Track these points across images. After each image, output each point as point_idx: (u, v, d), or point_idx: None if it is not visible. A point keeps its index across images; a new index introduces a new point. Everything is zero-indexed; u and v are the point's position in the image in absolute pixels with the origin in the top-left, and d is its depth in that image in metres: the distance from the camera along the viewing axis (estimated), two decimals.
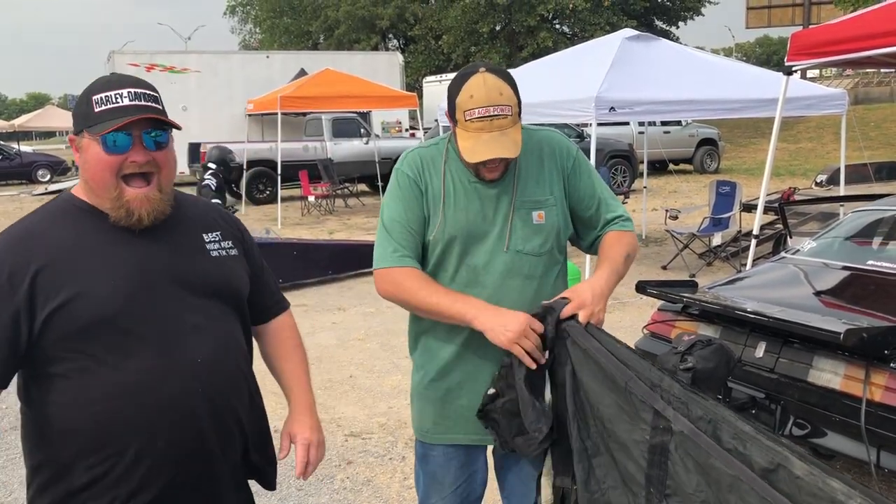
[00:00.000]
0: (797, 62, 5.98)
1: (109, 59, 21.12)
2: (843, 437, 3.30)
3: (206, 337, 1.81)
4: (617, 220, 2.28)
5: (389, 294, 2.19)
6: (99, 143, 1.71)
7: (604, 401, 1.85)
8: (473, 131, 2.04)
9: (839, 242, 4.73)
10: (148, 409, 1.72)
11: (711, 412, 1.65)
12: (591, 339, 1.92)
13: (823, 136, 26.72)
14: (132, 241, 1.77)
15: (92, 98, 1.73)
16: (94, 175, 1.74)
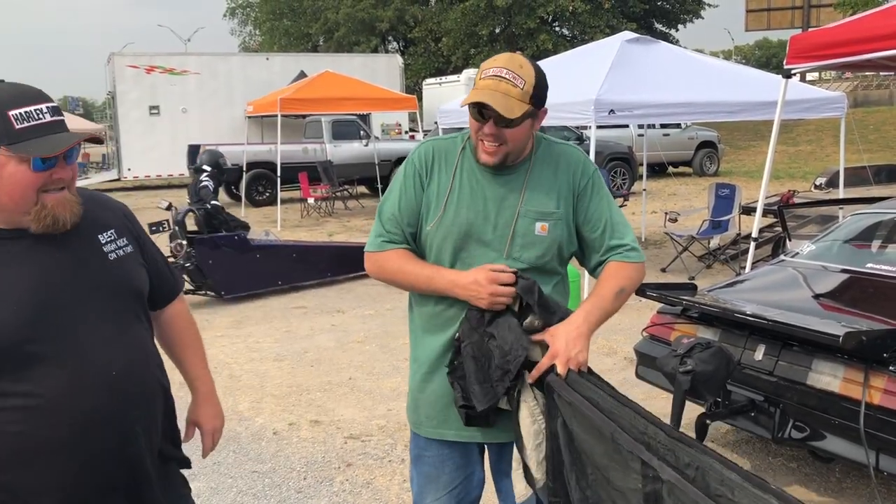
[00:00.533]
0: (796, 65, 5.98)
1: (109, 61, 21.13)
2: (842, 440, 3.30)
3: (118, 348, 1.80)
4: (621, 248, 2.21)
5: (375, 274, 2.28)
6: (25, 162, 1.66)
7: (596, 450, 1.83)
8: (479, 87, 2.07)
9: (838, 245, 4.73)
10: (66, 429, 1.70)
11: (698, 459, 1.64)
12: (572, 392, 1.89)
13: (822, 138, 26.75)
14: (28, 258, 1.72)
15: (8, 113, 1.65)
16: (12, 193, 1.67)
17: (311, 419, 4.98)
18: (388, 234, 2.21)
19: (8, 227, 1.71)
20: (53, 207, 1.71)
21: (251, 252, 8.30)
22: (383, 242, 2.22)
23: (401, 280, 2.22)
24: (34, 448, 1.69)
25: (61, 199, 1.72)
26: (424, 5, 35.91)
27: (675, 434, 1.73)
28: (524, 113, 2.07)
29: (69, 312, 1.73)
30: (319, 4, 35.32)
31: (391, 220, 2.22)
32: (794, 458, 4.29)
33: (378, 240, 2.23)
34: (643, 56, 8.67)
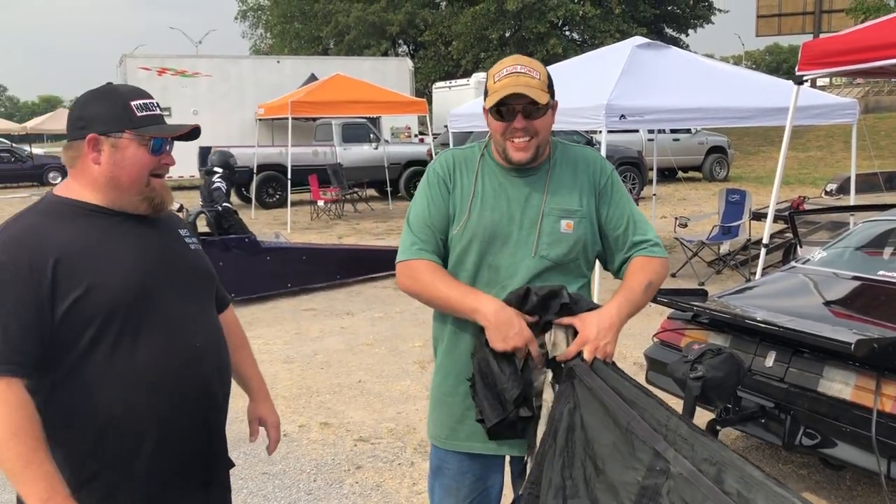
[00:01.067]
0: (808, 72, 5.98)
1: (121, 63, 21.24)
2: (853, 448, 3.29)
3: (200, 325, 1.98)
4: (645, 243, 2.23)
5: (407, 286, 2.21)
6: (145, 145, 1.87)
7: (600, 439, 1.82)
8: (501, 87, 2.09)
9: (850, 252, 4.72)
10: (163, 391, 1.85)
11: (718, 454, 1.62)
12: (596, 378, 1.90)
13: (833, 144, 26.65)
14: (130, 235, 1.89)
15: (130, 103, 1.88)
16: (129, 172, 1.87)
17: (320, 421, 4.99)
18: (422, 243, 2.19)
19: (112, 208, 1.89)
20: (160, 190, 1.93)
21: (261, 254, 8.33)
22: (419, 250, 2.18)
23: (430, 296, 2.16)
24: (130, 416, 1.82)
25: (163, 183, 1.95)
26: (435, 9, 35.97)
27: (697, 429, 1.71)
28: (547, 102, 2.12)
29: (162, 288, 1.90)
30: (330, 8, 35.43)
31: (423, 227, 2.20)
32: (805, 465, 4.28)
33: (413, 248, 2.19)
34: (654, 61, 8.68)
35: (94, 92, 1.93)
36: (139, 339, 1.82)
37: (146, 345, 1.83)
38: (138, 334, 1.82)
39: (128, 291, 1.82)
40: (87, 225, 1.85)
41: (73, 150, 1.89)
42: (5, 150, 27.86)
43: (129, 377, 1.80)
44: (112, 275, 1.81)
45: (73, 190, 1.89)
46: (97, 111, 1.87)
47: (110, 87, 1.94)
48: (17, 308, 1.70)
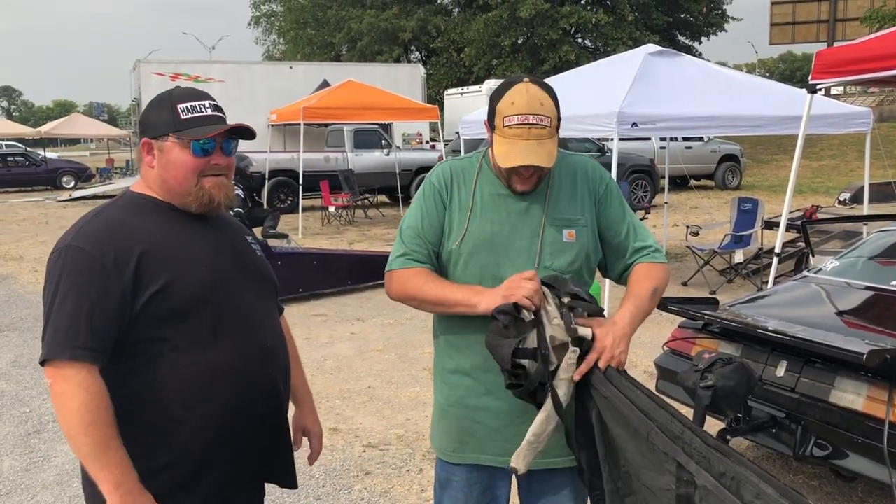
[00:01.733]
0: (821, 80, 5.95)
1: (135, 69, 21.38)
2: (864, 459, 3.27)
3: (268, 325, 2.03)
4: (646, 249, 2.24)
5: (397, 293, 2.21)
6: (187, 147, 1.90)
7: (629, 447, 1.83)
8: (511, 137, 2.05)
9: (863, 262, 4.69)
10: (236, 387, 1.89)
11: (734, 470, 1.61)
12: (611, 387, 1.89)
13: (847, 153, 26.52)
14: (202, 232, 1.96)
15: (177, 106, 1.92)
16: (176, 175, 1.91)
17: (330, 427, 4.99)
18: (413, 253, 2.18)
19: (177, 206, 1.94)
20: (210, 188, 1.93)
21: (272, 259, 8.34)
22: (407, 260, 2.18)
23: (423, 297, 2.15)
24: (202, 409, 1.86)
25: (217, 182, 1.95)
26: (447, 16, 36.08)
27: (711, 442, 1.70)
28: (555, 142, 2.09)
29: (236, 286, 1.95)
30: (343, 14, 35.57)
31: (414, 237, 2.20)
32: (816, 476, 4.25)
33: (401, 258, 2.19)
34: (667, 69, 8.66)
35: (156, 97, 2.00)
36: (215, 333, 1.87)
37: (221, 340, 1.88)
38: (214, 329, 1.87)
39: (206, 286, 1.87)
40: (165, 220, 1.91)
41: (138, 152, 2.01)
42: (20, 154, 28.08)
43: (203, 370, 1.85)
44: (192, 269, 1.86)
45: (143, 187, 1.98)
46: (151, 116, 1.94)
47: (170, 90, 1.99)
48: (102, 297, 1.75)
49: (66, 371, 1.72)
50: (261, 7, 43.32)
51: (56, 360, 1.72)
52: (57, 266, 1.79)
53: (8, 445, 4.82)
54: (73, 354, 1.72)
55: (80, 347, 1.73)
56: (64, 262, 1.79)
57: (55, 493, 4.16)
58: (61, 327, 1.74)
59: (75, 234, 1.83)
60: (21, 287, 9.74)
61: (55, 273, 1.79)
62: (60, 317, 1.74)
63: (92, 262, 1.77)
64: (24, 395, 5.74)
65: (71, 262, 1.78)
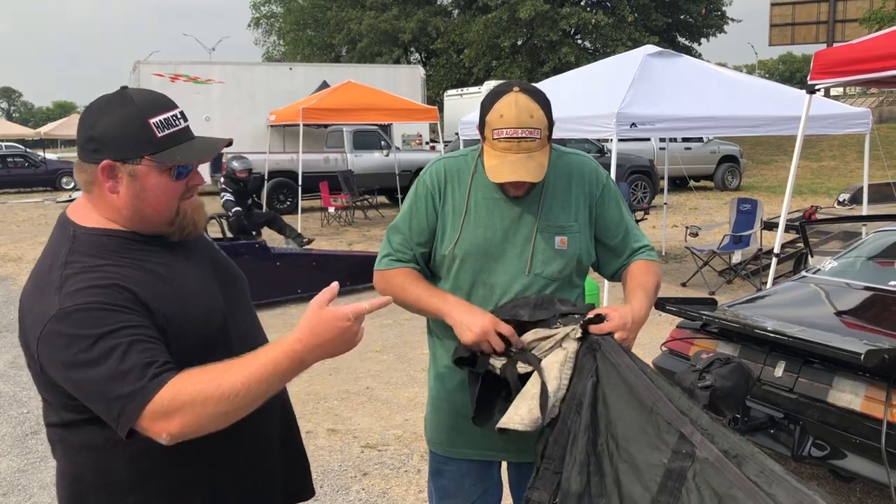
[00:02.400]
0: (821, 80, 5.95)
1: (135, 70, 21.37)
2: (863, 460, 3.27)
3: (262, 334, 1.88)
4: (643, 249, 2.28)
5: (382, 292, 2.23)
6: (166, 171, 1.62)
7: (625, 419, 1.80)
8: (500, 151, 2.04)
9: (861, 262, 4.70)
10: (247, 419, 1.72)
11: (738, 447, 1.60)
12: (624, 356, 1.88)
13: (846, 154, 26.52)
14: (183, 257, 1.72)
15: (149, 121, 1.59)
16: (157, 204, 1.63)
17: (328, 427, 4.99)
18: (396, 254, 2.23)
19: (150, 234, 1.67)
20: (192, 214, 1.70)
21: (271, 260, 8.35)
22: (391, 261, 2.24)
23: (403, 298, 2.19)
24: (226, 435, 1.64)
25: (196, 204, 1.71)
26: (447, 17, 36.07)
27: (717, 419, 1.70)
28: (546, 152, 2.08)
29: (231, 305, 1.77)
30: (343, 16, 35.58)
31: (400, 239, 2.24)
32: (814, 476, 4.24)
33: (386, 259, 2.25)
34: (666, 69, 8.66)
35: (106, 102, 1.63)
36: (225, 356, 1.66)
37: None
38: (224, 352, 1.66)
39: (211, 323, 1.67)
40: (142, 257, 1.63)
41: (87, 173, 1.62)
42: (19, 155, 28.09)
43: None
44: (194, 310, 1.64)
45: (97, 219, 1.64)
46: (110, 131, 1.58)
47: (125, 95, 1.63)
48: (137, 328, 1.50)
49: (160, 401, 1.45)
50: (261, 8, 43.33)
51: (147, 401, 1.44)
52: (65, 333, 1.46)
53: (5, 446, 4.81)
54: (158, 384, 1.45)
55: (156, 375, 1.46)
56: (72, 324, 1.46)
57: (52, 494, 4.16)
58: (124, 378, 1.44)
59: (59, 297, 1.49)
60: (19, 288, 9.73)
61: (69, 341, 1.45)
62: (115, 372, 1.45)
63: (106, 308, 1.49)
64: (22, 396, 5.73)
65: (80, 320, 1.47)
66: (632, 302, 2.09)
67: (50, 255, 1.61)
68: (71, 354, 1.45)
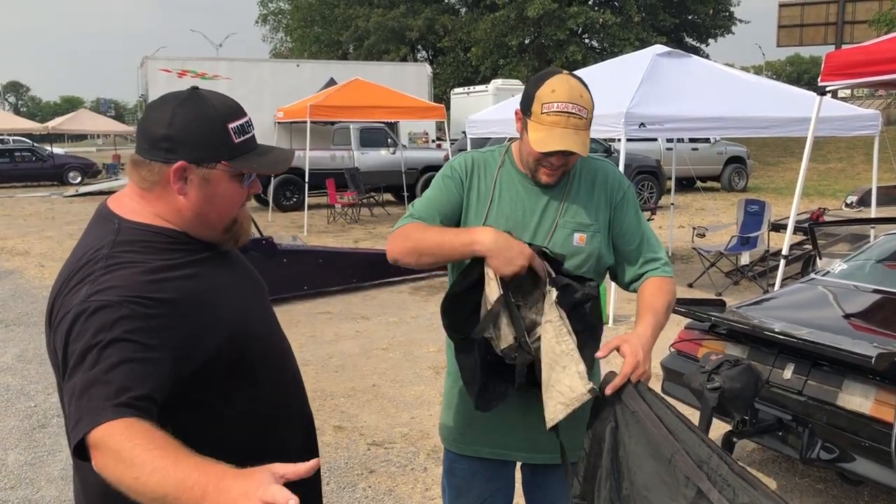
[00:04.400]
0: (831, 82, 5.93)
1: (142, 65, 21.41)
2: (872, 463, 3.25)
3: (291, 352, 1.84)
4: (657, 262, 2.24)
5: (398, 248, 2.12)
6: (237, 178, 1.59)
7: (644, 467, 1.79)
8: (548, 124, 2.04)
9: (870, 265, 4.68)
10: (284, 422, 1.73)
11: (759, 502, 1.58)
12: (641, 402, 1.85)
13: (854, 156, 26.44)
14: (225, 263, 1.69)
15: (228, 126, 1.56)
16: (222, 209, 1.60)
17: (334, 425, 4.99)
18: (419, 216, 2.16)
19: (196, 237, 1.63)
20: (245, 223, 1.68)
21: (278, 256, 8.35)
22: (412, 219, 2.16)
23: (425, 244, 2.08)
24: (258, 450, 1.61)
25: (247, 213, 1.69)
26: (454, 15, 36.07)
27: (737, 469, 1.67)
28: (589, 136, 2.10)
29: (262, 315, 1.72)
30: (350, 13, 35.59)
31: (424, 207, 2.18)
32: (822, 479, 4.23)
33: (407, 218, 2.17)
34: (675, 70, 8.64)
35: (181, 101, 1.56)
36: (265, 372, 1.67)
37: (272, 379, 1.69)
38: (265, 369, 1.66)
39: (252, 329, 1.64)
40: (186, 258, 1.58)
41: (151, 172, 1.56)
42: (27, 150, 28.16)
43: (262, 416, 1.66)
44: (235, 313, 1.61)
45: (145, 214, 1.58)
46: (190, 131, 1.53)
47: (201, 95, 1.58)
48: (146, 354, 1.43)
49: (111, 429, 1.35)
50: (268, 5, 43.41)
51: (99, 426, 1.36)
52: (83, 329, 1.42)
53: (13, 440, 4.83)
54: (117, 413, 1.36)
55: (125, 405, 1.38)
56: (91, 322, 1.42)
57: (59, 488, 4.17)
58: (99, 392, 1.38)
59: (96, 291, 1.44)
60: (27, 282, 9.76)
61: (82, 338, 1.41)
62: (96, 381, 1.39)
63: (129, 314, 1.43)
64: (30, 389, 5.75)
65: (99, 320, 1.42)
66: (638, 328, 2.07)
67: (92, 247, 1.54)
68: (73, 346, 1.42)
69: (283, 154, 1.68)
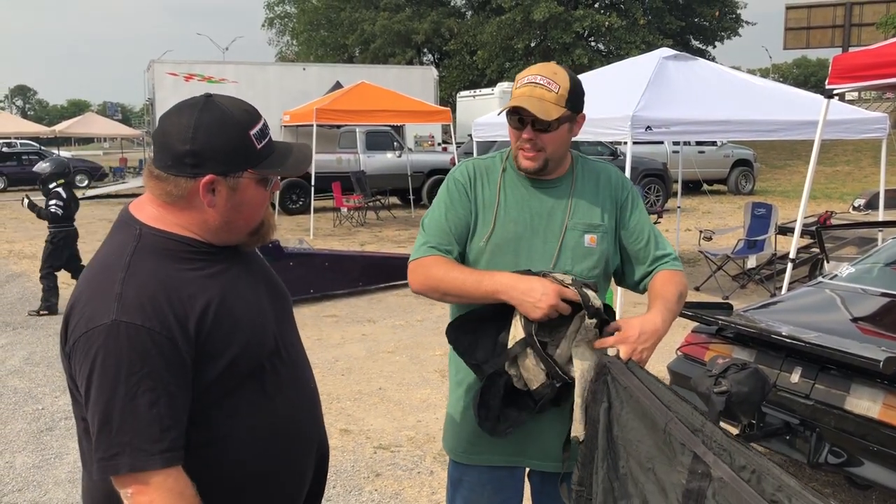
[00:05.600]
0: (838, 85, 5.92)
1: (149, 68, 21.48)
2: (880, 468, 3.24)
3: (305, 360, 1.81)
4: (667, 258, 2.23)
5: (421, 283, 2.13)
6: (262, 183, 1.60)
7: (644, 440, 1.80)
8: (519, 95, 2.08)
9: (878, 268, 4.66)
10: (299, 440, 1.71)
11: (755, 462, 1.58)
12: (632, 378, 1.86)
13: (861, 159, 26.37)
14: (245, 273, 1.68)
15: (249, 133, 1.56)
16: (250, 216, 1.62)
17: (340, 428, 4.99)
18: (435, 242, 2.15)
19: (219, 245, 1.63)
20: (271, 220, 1.69)
21: (284, 260, 8.36)
22: (429, 248, 2.14)
23: (445, 285, 2.08)
24: (270, 469, 1.64)
25: (271, 211, 1.70)
26: (460, 18, 36.08)
27: (731, 436, 1.68)
28: (560, 116, 2.07)
29: (282, 327, 1.71)
30: (356, 16, 35.62)
31: (438, 231, 2.16)
32: (830, 483, 4.22)
33: (424, 247, 2.15)
34: (681, 73, 8.63)
35: (199, 113, 1.54)
36: (276, 389, 1.64)
37: (283, 394, 1.66)
38: (276, 384, 1.64)
39: (267, 342, 1.62)
40: (206, 267, 1.59)
41: (177, 187, 1.55)
42: (34, 153, 28.27)
43: (272, 430, 1.63)
44: (252, 325, 1.60)
45: (167, 222, 1.58)
46: (214, 145, 1.52)
47: (217, 105, 1.56)
48: (178, 381, 1.46)
49: (155, 480, 1.42)
50: (274, 9, 43.47)
51: (145, 472, 1.42)
52: (108, 350, 1.42)
53: (21, 442, 4.84)
54: (165, 462, 1.43)
55: (169, 450, 1.43)
56: (119, 344, 1.42)
57: (67, 490, 4.18)
58: (141, 429, 1.41)
59: (117, 304, 1.44)
60: (34, 285, 9.78)
61: (108, 359, 1.42)
62: (135, 416, 1.41)
63: (158, 341, 1.44)
64: (37, 392, 5.76)
65: (130, 344, 1.42)
66: (647, 314, 2.06)
67: (112, 253, 1.55)
68: (101, 370, 1.42)
69: (304, 152, 1.70)
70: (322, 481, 1.88)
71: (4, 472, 4.41)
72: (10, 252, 12.68)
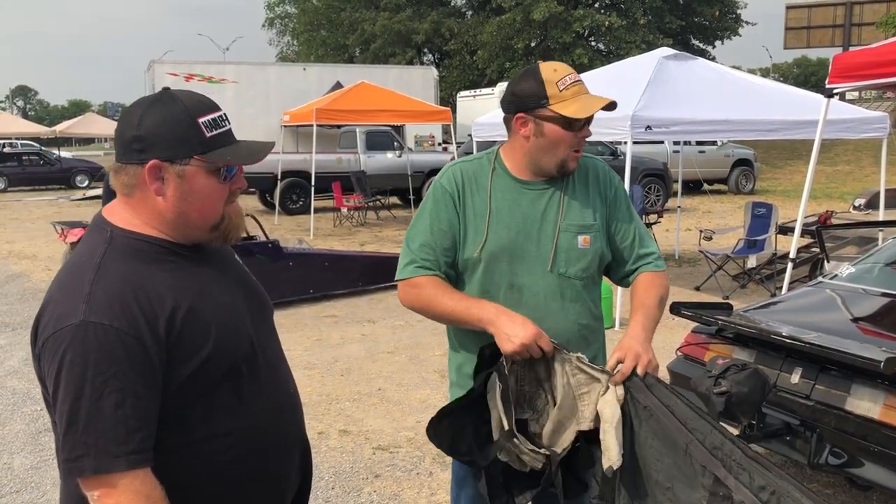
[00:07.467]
0: (838, 84, 5.90)
1: (149, 69, 21.48)
2: (881, 469, 3.22)
3: (286, 364, 1.79)
4: (649, 257, 2.25)
5: (411, 302, 2.17)
6: (214, 173, 1.57)
7: (664, 459, 1.79)
8: (573, 95, 2.10)
9: (878, 268, 4.64)
10: (277, 445, 1.69)
11: (774, 483, 1.58)
12: (651, 396, 1.85)
13: (862, 159, 26.35)
14: (216, 272, 1.66)
15: (198, 121, 1.55)
16: (203, 207, 1.57)
17: (339, 429, 4.98)
18: (421, 261, 2.14)
19: (186, 243, 1.61)
20: (236, 220, 1.64)
21: (284, 260, 8.35)
22: (416, 268, 2.14)
23: (434, 309, 2.11)
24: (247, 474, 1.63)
25: (237, 208, 1.65)
26: (461, 18, 36.08)
27: (750, 453, 1.67)
28: None
29: (258, 329, 1.68)
30: (356, 16, 35.62)
31: (423, 246, 2.15)
32: (831, 484, 4.20)
33: (410, 266, 2.14)
34: (681, 72, 8.62)
35: (151, 101, 1.57)
36: (254, 392, 1.62)
37: (262, 398, 1.64)
38: (255, 388, 1.62)
39: (241, 345, 1.60)
40: (178, 268, 1.57)
41: (129, 175, 1.55)
42: (35, 153, 28.30)
43: (251, 433, 1.61)
44: (224, 329, 1.57)
45: (137, 223, 1.58)
46: (159, 129, 1.52)
47: (171, 95, 1.58)
48: (146, 383, 1.44)
49: (121, 482, 1.40)
50: (275, 9, 43.46)
51: (110, 473, 1.40)
52: (75, 350, 1.41)
53: (19, 443, 4.83)
54: (130, 463, 1.41)
55: (135, 452, 1.41)
56: (86, 344, 1.41)
57: None
58: (106, 430, 1.39)
59: (86, 305, 1.44)
60: (34, 285, 9.78)
61: (75, 359, 1.41)
62: (100, 417, 1.40)
63: (126, 341, 1.43)
64: (36, 393, 5.75)
65: (97, 344, 1.41)
66: (629, 330, 2.07)
67: (85, 254, 1.55)
68: (68, 370, 1.41)
69: (259, 145, 1.65)
70: (307, 480, 1.87)
71: (2, 474, 4.41)
72: (10, 252, 12.68)
